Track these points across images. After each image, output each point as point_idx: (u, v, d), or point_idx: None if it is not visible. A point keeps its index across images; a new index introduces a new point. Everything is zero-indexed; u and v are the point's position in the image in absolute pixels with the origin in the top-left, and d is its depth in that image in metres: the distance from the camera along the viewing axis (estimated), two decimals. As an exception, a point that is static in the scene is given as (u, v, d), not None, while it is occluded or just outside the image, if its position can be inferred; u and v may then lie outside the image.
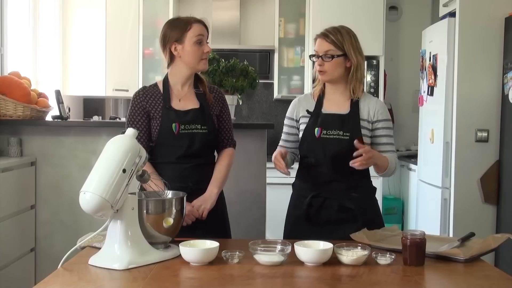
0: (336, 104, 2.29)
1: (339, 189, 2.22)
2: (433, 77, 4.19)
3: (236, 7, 5.27)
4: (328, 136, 2.22)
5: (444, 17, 4.10)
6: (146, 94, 2.31)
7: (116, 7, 4.87)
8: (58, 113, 3.35)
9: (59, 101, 3.39)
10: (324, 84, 2.33)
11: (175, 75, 2.32)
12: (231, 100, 3.14)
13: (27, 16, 4.11)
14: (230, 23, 5.26)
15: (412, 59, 5.17)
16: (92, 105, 5.23)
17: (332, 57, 2.21)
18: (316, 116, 2.27)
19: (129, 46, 4.98)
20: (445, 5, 4.15)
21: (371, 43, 4.88)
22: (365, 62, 2.33)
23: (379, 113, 2.27)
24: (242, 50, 5.21)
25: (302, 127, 2.31)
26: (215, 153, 2.41)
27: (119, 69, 4.89)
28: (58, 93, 3.45)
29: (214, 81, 3.07)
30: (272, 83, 5.31)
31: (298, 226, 2.29)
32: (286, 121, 2.41)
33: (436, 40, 4.19)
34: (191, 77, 2.32)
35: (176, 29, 2.26)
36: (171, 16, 5.02)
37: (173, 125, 2.23)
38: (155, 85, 2.36)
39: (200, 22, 2.28)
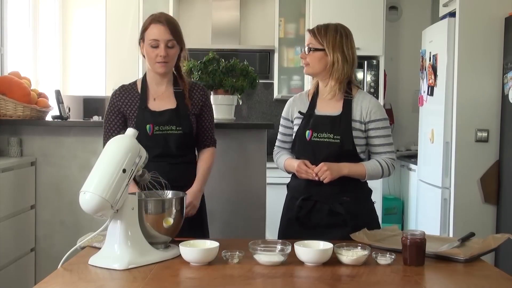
0: (329, 104, 2.26)
1: (330, 192, 2.19)
2: (433, 77, 4.19)
3: (236, 7, 5.26)
4: (318, 139, 2.20)
5: (444, 17, 4.10)
6: (123, 94, 2.31)
7: (116, 7, 4.87)
8: (58, 113, 3.35)
9: (59, 101, 3.39)
10: (318, 83, 2.31)
11: (148, 73, 2.32)
12: (231, 100, 3.14)
13: (27, 16, 4.11)
14: (230, 23, 5.26)
15: (412, 59, 5.17)
16: (92, 105, 5.23)
17: (310, 49, 2.22)
18: (308, 117, 2.26)
19: (129, 46, 4.97)
20: (445, 5, 4.16)
21: (371, 43, 4.88)
22: (353, 63, 2.23)
23: (371, 113, 2.22)
24: (242, 50, 5.20)
25: (296, 128, 2.30)
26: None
27: (119, 69, 4.88)
28: (58, 93, 3.45)
29: (214, 81, 3.06)
30: (272, 83, 5.31)
31: (290, 228, 2.27)
32: (282, 121, 2.40)
33: (436, 40, 4.19)
34: (165, 75, 2.29)
35: (143, 26, 2.26)
36: (171, 16, 5.03)
37: (147, 126, 2.22)
38: (134, 83, 2.35)
39: (161, 23, 2.21)
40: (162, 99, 2.28)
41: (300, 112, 2.29)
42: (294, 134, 2.31)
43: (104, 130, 2.34)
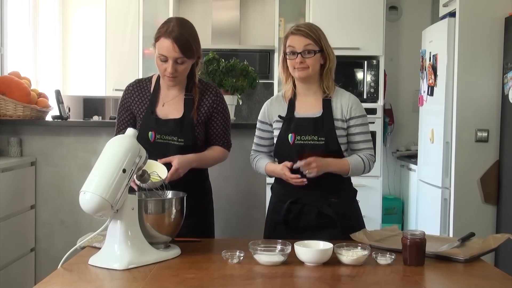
0: (309, 105, 2.22)
1: (318, 194, 2.16)
2: (433, 77, 4.19)
3: (236, 7, 5.27)
4: (302, 142, 2.16)
5: (444, 17, 4.10)
6: (135, 91, 2.26)
7: (116, 7, 4.88)
8: (58, 113, 3.35)
9: (59, 101, 3.39)
10: (294, 85, 2.25)
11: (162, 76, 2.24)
12: (231, 100, 3.14)
13: (27, 16, 4.12)
14: (230, 23, 5.26)
15: (412, 59, 5.17)
16: (92, 105, 5.23)
17: (314, 52, 2.15)
18: (289, 121, 2.20)
19: (129, 46, 4.98)
20: (445, 5, 4.15)
21: (371, 43, 4.88)
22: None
23: (352, 110, 2.20)
24: (242, 50, 5.21)
25: (276, 132, 2.24)
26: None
27: (119, 69, 4.89)
28: (58, 93, 3.45)
29: (214, 81, 3.06)
30: (272, 83, 5.31)
31: (277, 231, 2.21)
32: (258, 125, 2.32)
33: (436, 40, 4.19)
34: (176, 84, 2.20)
35: (156, 33, 2.13)
36: (171, 16, 5.03)
37: (149, 133, 2.17)
38: (149, 80, 2.28)
39: (170, 39, 2.06)
40: (170, 105, 2.21)
41: (279, 116, 2.24)
42: (275, 139, 2.25)
43: (116, 126, 2.31)
